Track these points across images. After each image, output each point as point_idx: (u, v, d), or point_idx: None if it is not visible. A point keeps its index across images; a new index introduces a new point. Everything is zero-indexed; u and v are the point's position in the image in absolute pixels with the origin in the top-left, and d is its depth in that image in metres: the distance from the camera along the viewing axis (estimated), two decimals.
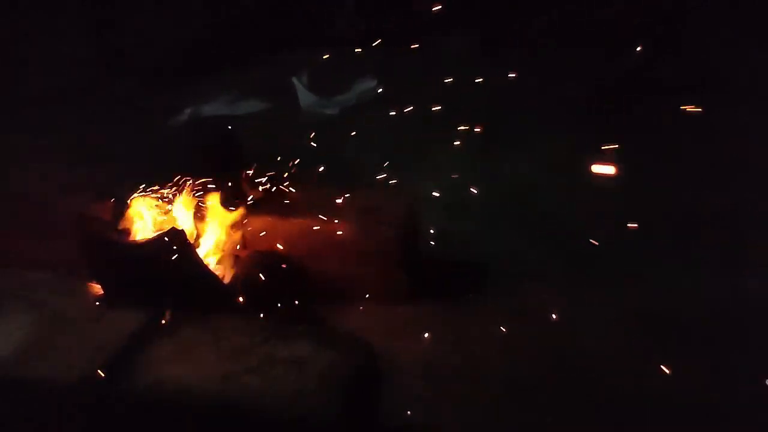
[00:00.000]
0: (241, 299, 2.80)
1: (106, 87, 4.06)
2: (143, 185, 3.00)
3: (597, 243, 2.90)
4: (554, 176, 3.33)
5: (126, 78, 4.24)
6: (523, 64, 3.71)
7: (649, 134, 3.76)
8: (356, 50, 4.31)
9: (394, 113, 3.58)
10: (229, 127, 3.50)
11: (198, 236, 3.00)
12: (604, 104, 4.06)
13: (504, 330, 2.69)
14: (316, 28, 5.17)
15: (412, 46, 4.06)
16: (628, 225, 2.83)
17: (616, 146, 2.88)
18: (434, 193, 3.19)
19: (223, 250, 2.99)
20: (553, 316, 2.74)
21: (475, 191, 3.13)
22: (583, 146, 3.06)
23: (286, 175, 3.13)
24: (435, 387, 2.47)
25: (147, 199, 3.00)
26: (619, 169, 2.86)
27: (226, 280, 2.90)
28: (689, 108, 3.30)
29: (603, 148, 2.88)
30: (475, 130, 3.27)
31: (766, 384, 2.31)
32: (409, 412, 2.35)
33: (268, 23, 5.14)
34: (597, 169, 2.86)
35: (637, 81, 4.10)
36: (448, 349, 2.65)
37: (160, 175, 3.04)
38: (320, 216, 2.92)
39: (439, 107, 3.37)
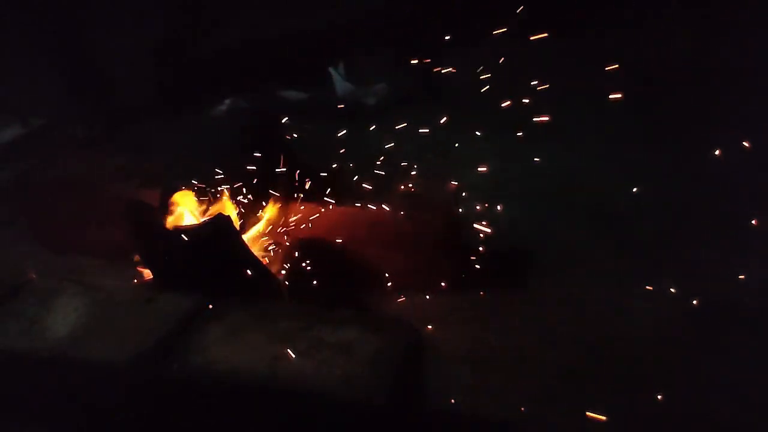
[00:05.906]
0: (286, 284, 2.85)
1: (154, 79, 4.13)
2: (191, 173, 3.06)
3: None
4: (600, 164, 3.29)
5: (172, 71, 4.30)
6: (565, 49, 3.66)
7: (691, 120, 3.68)
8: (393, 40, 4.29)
9: (434, 101, 3.57)
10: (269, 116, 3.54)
11: (244, 223, 3.05)
12: (651, 90, 3.97)
13: (548, 318, 2.68)
14: (355, 20, 5.16)
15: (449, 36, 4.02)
16: None
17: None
18: (478, 182, 3.18)
19: (269, 237, 3.04)
20: (598, 304, 2.72)
21: (518, 179, 3.12)
22: (630, 133, 3.02)
23: (329, 165, 3.16)
24: (479, 374, 2.48)
25: (194, 186, 3.06)
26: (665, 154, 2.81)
27: (271, 267, 2.94)
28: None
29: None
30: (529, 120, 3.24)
31: None
32: (453, 400, 2.36)
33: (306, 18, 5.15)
34: None
35: (688, 65, 4.00)
36: (492, 337, 2.66)
37: (206, 164, 3.10)
38: (365, 204, 2.95)
39: (485, 85, 3.35)
